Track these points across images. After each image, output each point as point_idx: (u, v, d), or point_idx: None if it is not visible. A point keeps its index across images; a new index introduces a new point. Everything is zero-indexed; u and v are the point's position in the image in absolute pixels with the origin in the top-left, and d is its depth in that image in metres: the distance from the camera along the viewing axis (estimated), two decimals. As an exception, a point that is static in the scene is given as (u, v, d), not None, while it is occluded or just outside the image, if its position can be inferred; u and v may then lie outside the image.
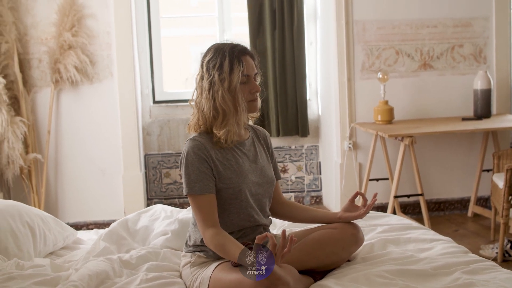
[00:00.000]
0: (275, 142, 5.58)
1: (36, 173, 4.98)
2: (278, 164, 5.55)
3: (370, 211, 3.45)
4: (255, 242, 2.23)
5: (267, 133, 2.85)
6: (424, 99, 5.27)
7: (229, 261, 2.46)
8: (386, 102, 5.00)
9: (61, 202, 5.15)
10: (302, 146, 5.65)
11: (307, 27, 5.51)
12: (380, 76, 4.99)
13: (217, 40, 5.57)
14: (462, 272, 2.49)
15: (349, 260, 2.75)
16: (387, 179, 5.16)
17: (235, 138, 2.59)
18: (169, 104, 5.44)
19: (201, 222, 2.51)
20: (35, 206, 4.91)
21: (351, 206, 2.77)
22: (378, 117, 4.99)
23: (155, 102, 5.48)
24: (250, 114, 2.71)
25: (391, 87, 5.15)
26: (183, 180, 2.54)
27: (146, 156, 5.43)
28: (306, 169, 5.68)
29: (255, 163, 2.67)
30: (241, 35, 5.64)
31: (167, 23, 5.63)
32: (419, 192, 4.74)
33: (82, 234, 3.34)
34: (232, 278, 2.38)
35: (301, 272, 2.58)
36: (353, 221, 2.76)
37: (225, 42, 2.63)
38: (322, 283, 2.49)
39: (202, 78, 2.59)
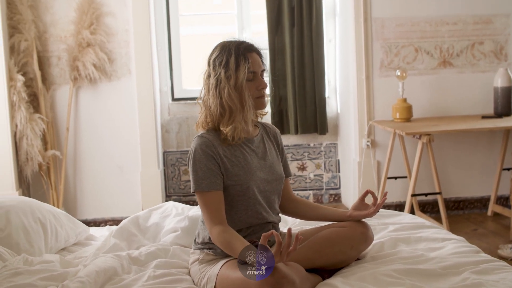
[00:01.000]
0: (293, 139, 5.58)
1: (55, 169, 5.02)
2: (297, 161, 5.55)
3: (383, 210, 3.45)
4: (260, 239, 2.23)
5: (277, 130, 2.85)
6: (444, 97, 5.23)
7: (237, 258, 2.46)
8: (405, 100, 4.96)
9: (80, 199, 5.19)
10: (321, 144, 5.63)
11: (326, 25, 5.49)
12: (399, 73, 4.95)
13: (236, 38, 5.58)
14: (471, 272, 2.47)
15: (358, 259, 2.74)
16: (405, 177, 5.12)
17: (242, 135, 2.59)
18: (188, 101, 5.45)
19: (208, 219, 2.51)
20: (53, 203, 4.96)
21: (361, 204, 2.75)
22: (397, 115, 4.96)
23: (174, 99, 5.50)
24: (258, 111, 2.71)
25: (410, 84, 5.12)
26: (190, 177, 2.55)
27: (165, 153, 5.46)
28: (324, 167, 5.66)
29: (263, 160, 2.66)
30: (260, 33, 5.64)
31: (186, 21, 5.65)
32: (437, 191, 4.70)
33: (94, 230, 3.37)
34: (238, 276, 2.37)
35: (310, 270, 2.58)
36: (363, 220, 2.75)
37: (232, 39, 2.64)
38: (329, 281, 2.49)
39: (209, 76, 2.60)
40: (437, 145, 5.16)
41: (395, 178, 5.12)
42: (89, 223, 5.12)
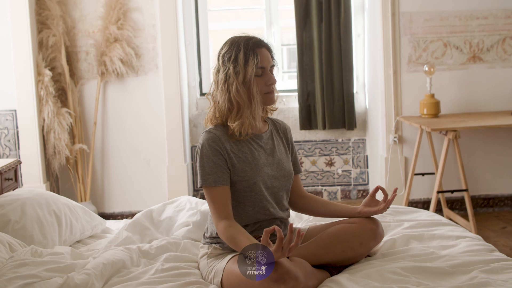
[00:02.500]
0: (321, 135, 5.56)
1: (82, 163, 5.10)
2: (325, 157, 5.53)
3: (400, 206, 3.41)
4: (262, 235, 2.23)
5: (287, 126, 2.84)
6: (473, 93, 5.14)
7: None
8: (432, 96, 4.89)
9: (107, 192, 5.26)
10: (349, 140, 5.60)
11: (354, 19, 5.45)
12: (426, 69, 4.89)
13: (264, 33, 5.59)
14: (480, 271, 2.42)
15: (369, 256, 2.72)
16: (433, 174, 5.06)
17: (250, 130, 2.59)
18: (215, 96, 5.45)
19: (215, 213, 2.53)
20: (80, 196, 5.04)
21: (372, 201, 2.74)
22: (424, 110, 4.90)
23: (202, 94, 5.53)
24: (268, 106, 2.70)
25: (439, 80, 5.05)
26: (198, 172, 2.56)
27: (193, 148, 5.49)
28: (353, 163, 5.63)
29: (271, 156, 2.66)
30: (288, 28, 5.64)
31: (214, 16, 5.66)
32: (464, 188, 4.63)
33: (111, 223, 3.41)
34: (241, 270, 2.38)
35: (319, 266, 2.57)
36: (374, 216, 2.72)
37: (241, 35, 2.63)
38: (335, 278, 2.47)
39: (218, 71, 2.61)
40: (466, 142, 5.09)
41: (422, 174, 5.06)
42: (116, 216, 5.19)
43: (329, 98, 5.39)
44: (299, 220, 3.20)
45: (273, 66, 2.63)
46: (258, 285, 2.27)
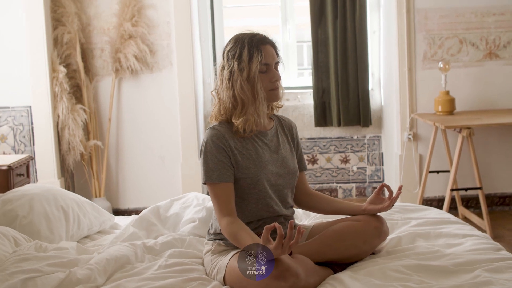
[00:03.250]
0: (336, 132, 5.54)
1: (97, 159, 5.13)
2: (340, 154, 5.52)
3: (410, 204, 3.39)
4: (263, 231, 2.24)
5: (293, 123, 2.84)
6: (489, 90, 5.09)
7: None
8: (447, 93, 4.85)
9: (122, 188, 5.29)
10: (364, 137, 5.57)
11: (370, 16, 5.43)
12: (441, 65, 4.85)
13: (280, 30, 5.59)
14: (484, 270, 2.40)
15: (373, 253, 2.71)
16: (448, 171, 5.02)
17: (254, 127, 2.59)
18: (231, 93, 5.46)
19: (218, 210, 2.54)
20: (95, 191, 5.07)
21: (377, 198, 2.72)
22: (439, 107, 4.86)
23: (217, 91, 5.52)
24: (274, 103, 2.71)
25: (454, 77, 5.01)
26: (202, 169, 2.57)
27: (208, 145, 5.49)
28: (368, 160, 5.60)
29: (276, 154, 2.66)
30: (303, 24, 5.62)
31: (230, 13, 5.67)
32: (478, 186, 4.59)
33: (120, 219, 3.42)
34: (243, 267, 2.39)
35: (322, 263, 2.57)
36: (378, 214, 2.71)
37: (246, 32, 2.64)
38: (337, 275, 2.46)
39: (223, 68, 2.61)
40: (482, 139, 5.04)
41: (437, 172, 5.02)
42: (131, 212, 5.22)
43: (344, 95, 5.38)
44: (307, 217, 3.20)
45: (277, 63, 2.63)
46: (259, 282, 2.28)
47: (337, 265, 2.60)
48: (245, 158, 2.57)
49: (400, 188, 2.67)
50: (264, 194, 2.59)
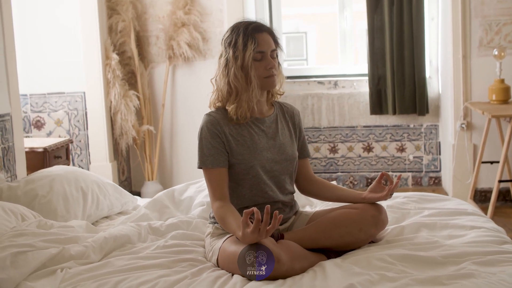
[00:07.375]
0: (392, 120, 5.46)
1: (150, 144, 5.29)
2: (395, 142, 5.45)
3: (429, 194, 3.33)
4: (242, 215, 2.28)
5: (296, 110, 2.85)
6: (548, 78, 4.88)
7: (237, 234, 2.52)
8: (502, 81, 4.69)
9: (176, 173, 5.44)
10: (421, 125, 5.47)
11: (428, 2, 5.32)
12: (496, 53, 4.69)
13: (337, 17, 5.55)
14: (472, 263, 2.34)
15: (373, 242, 2.69)
16: (502, 162, 4.86)
17: (248, 114, 2.63)
18: (287, 80, 5.49)
19: (211, 194, 2.60)
20: (147, 175, 5.24)
21: (377, 187, 2.70)
22: (493, 96, 4.71)
23: (270, 77, 5.56)
24: (275, 90, 2.73)
25: (511, 64, 4.82)
26: (197, 154, 2.63)
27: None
28: (424, 149, 5.50)
29: (273, 140, 2.69)
30: (360, 12, 5.57)
31: (288, 1, 5.69)
32: (527, 178, 4.44)
33: (142, 201, 3.53)
34: (232, 250, 2.44)
35: (319, 250, 2.58)
36: (378, 203, 2.69)
37: (244, 20, 2.68)
38: (322, 262, 2.46)
39: (220, 56, 2.68)
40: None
41: (491, 162, 4.87)
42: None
43: (400, 82, 5.29)
44: (310, 204, 3.21)
45: (274, 50, 2.65)
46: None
47: (333, 252, 2.61)
48: (239, 144, 2.62)
49: (399, 177, 2.65)
50: (258, 180, 2.62)
